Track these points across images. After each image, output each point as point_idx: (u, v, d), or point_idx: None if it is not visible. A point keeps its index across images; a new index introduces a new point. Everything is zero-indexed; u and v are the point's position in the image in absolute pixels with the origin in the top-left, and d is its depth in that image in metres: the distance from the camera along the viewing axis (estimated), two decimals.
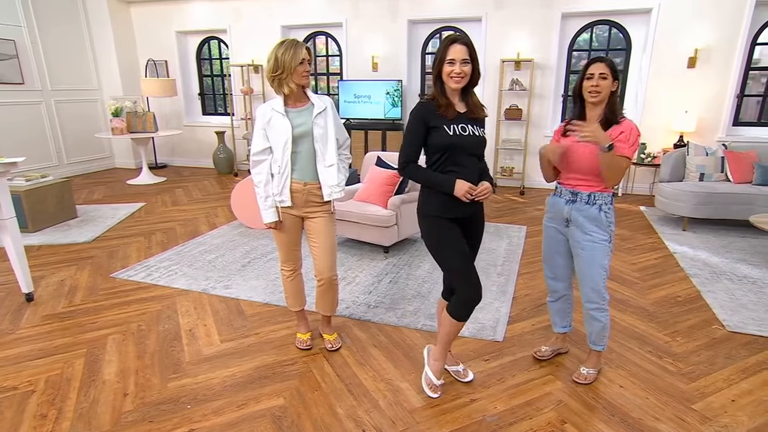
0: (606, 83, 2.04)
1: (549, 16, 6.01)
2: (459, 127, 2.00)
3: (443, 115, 2.00)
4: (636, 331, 2.78)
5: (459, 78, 1.96)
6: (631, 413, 2.11)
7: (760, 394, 2.25)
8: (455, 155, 2.02)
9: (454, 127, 1.99)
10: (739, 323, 2.87)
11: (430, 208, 2.09)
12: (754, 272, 3.63)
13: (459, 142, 1.99)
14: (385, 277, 3.57)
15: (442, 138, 1.99)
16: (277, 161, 2.33)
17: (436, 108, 2.02)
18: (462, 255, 2.04)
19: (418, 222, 2.18)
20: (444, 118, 2.01)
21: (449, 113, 2.01)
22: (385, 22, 6.70)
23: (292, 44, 2.21)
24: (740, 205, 4.42)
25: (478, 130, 2.03)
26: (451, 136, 1.99)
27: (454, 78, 1.96)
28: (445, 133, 1.99)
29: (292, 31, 7.35)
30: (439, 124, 2.00)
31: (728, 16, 5.42)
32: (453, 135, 1.99)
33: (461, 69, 1.94)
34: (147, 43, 7.95)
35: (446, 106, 2.01)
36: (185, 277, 3.58)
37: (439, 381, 2.25)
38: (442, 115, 2.01)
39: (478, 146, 2.04)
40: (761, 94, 5.81)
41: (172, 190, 6.56)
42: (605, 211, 2.11)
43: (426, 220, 2.11)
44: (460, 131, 2.00)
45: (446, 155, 2.03)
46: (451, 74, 1.96)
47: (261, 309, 3.09)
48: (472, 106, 2.05)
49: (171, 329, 2.85)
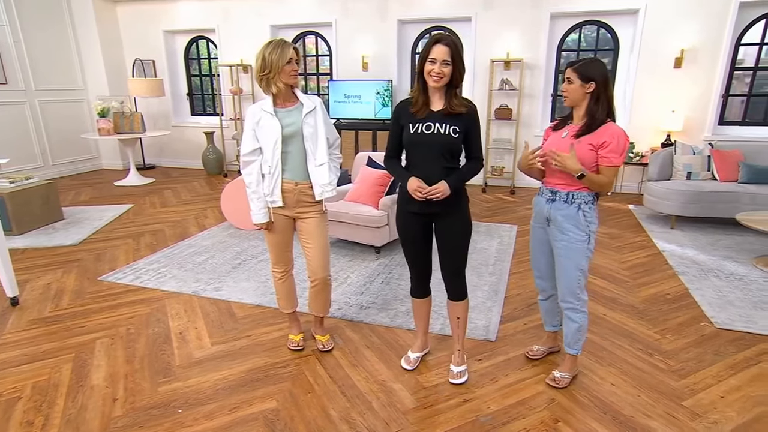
0: (572, 87, 2.05)
1: (538, 16, 6.04)
2: (424, 126, 2.06)
3: (414, 113, 2.09)
4: (626, 329, 2.81)
5: (437, 77, 1.99)
6: (622, 411, 2.13)
7: (748, 390, 2.28)
8: (415, 153, 2.11)
9: (419, 126, 2.07)
10: (727, 320, 2.91)
11: (398, 200, 2.26)
12: (740, 269, 3.68)
13: (418, 140, 2.07)
14: (377, 278, 3.56)
15: (406, 135, 2.11)
16: (268, 161, 2.32)
17: (410, 106, 2.11)
18: (410, 250, 2.28)
19: None
20: (413, 116, 2.09)
21: (420, 112, 2.07)
22: (375, 22, 6.69)
23: (279, 44, 2.20)
24: (726, 204, 4.48)
25: (448, 128, 2.03)
26: (411, 134, 2.08)
27: (432, 77, 2.00)
28: (407, 131, 2.09)
29: (282, 30, 7.31)
30: (406, 121, 2.12)
31: (713, 17, 5.49)
32: (413, 133, 2.08)
33: (440, 69, 1.97)
34: (134, 43, 7.86)
35: (420, 104, 2.07)
36: (175, 279, 3.54)
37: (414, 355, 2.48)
38: (414, 113, 2.09)
39: (441, 145, 2.04)
40: (745, 94, 5.91)
41: (161, 191, 6.49)
42: (584, 210, 2.11)
43: (396, 213, 2.29)
44: (423, 130, 2.06)
45: (409, 152, 2.14)
46: (431, 73, 1.99)
47: (252, 311, 3.07)
48: (450, 104, 2.04)
49: (161, 332, 2.81)
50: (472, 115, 2.08)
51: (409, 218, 2.21)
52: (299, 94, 2.36)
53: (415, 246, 2.26)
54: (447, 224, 2.15)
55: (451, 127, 2.03)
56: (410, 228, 2.22)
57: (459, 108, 2.03)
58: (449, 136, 2.03)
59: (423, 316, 2.47)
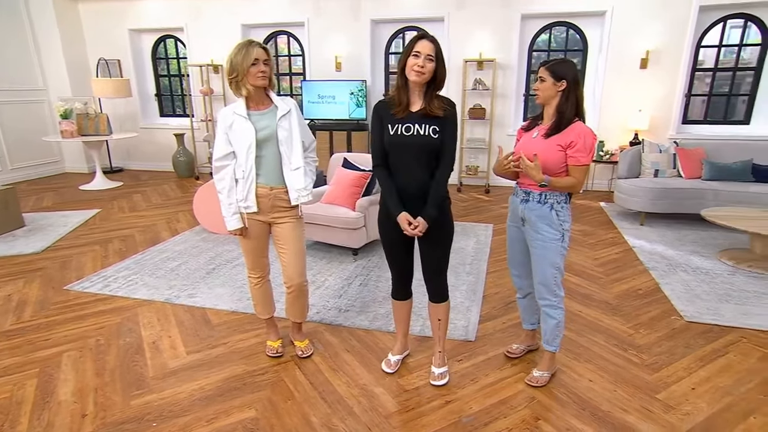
0: (544, 85, 2.08)
1: (509, 16, 6.12)
2: (404, 127, 2.04)
3: (393, 114, 2.06)
4: (601, 325, 2.87)
5: (420, 71, 1.96)
6: (600, 406, 2.17)
7: (716, 381, 2.36)
8: (396, 155, 2.09)
9: (398, 127, 2.04)
10: (695, 313, 3.01)
11: (381, 202, 2.24)
12: (706, 263, 3.81)
13: (398, 141, 2.05)
14: (355, 280, 3.53)
15: (386, 136, 2.08)
16: (241, 166, 2.27)
17: (389, 106, 2.08)
18: (392, 252, 2.28)
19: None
20: (393, 117, 2.07)
21: (399, 112, 2.05)
22: (348, 22, 6.65)
23: (244, 45, 2.15)
24: (692, 200, 4.64)
25: (427, 129, 2.02)
26: (391, 135, 2.06)
27: (415, 71, 1.97)
28: (387, 132, 2.07)
29: (253, 30, 7.19)
30: (386, 122, 2.09)
31: (675, 20, 5.68)
32: (393, 134, 2.05)
33: (424, 63, 1.96)
34: (98, 42, 7.58)
35: (400, 104, 2.05)
36: (146, 286, 3.42)
37: (395, 357, 2.46)
38: (393, 113, 2.07)
39: (421, 146, 2.03)
40: (706, 94, 6.13)
41: (130, 195, 6.29)
42: (557, 210, 2.14)
43: (379, 215, 2.27)
44: (403, 131, 2.04)
45: (390, 154, 2.10)
46: (414, 66, 1.97)
47: (228, 317, 2.99)
48: (429, 105, 2.03)
49: (133, 343, 2.72)
50: (450, 118, 2.06)
51: (392, 222, 2.15)
52: (273, 97, 2.32)
53: (397, 248, 2.25)
54: (429, 228, 2.14)
55: (431, 127, 2.02)
56: (392, 230, 2.19)
57: (437, 111, 2.02)
58: (429, 137, 2.02)
59: (404, 318, 2.46)
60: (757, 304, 3.13)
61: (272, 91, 2.31)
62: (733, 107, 6.16)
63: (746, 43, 5.84)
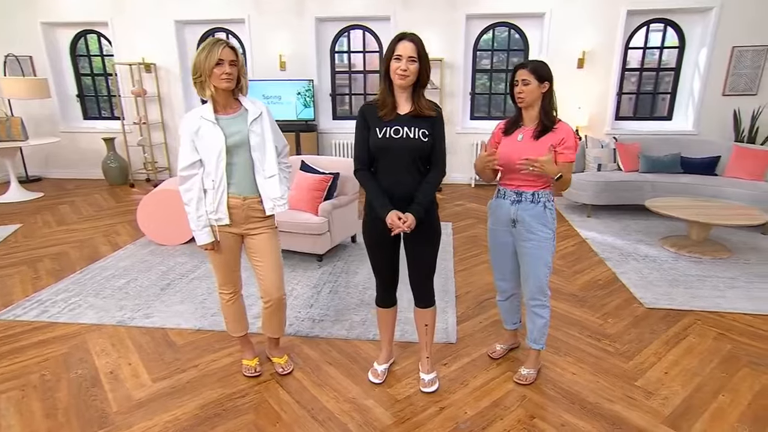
0: (529, 88, 2.09)
1: (455, 16, 6.22)
2: (392, 130, 1.98)
3: (381, 117, 2.00)
4: (573, 318, 2.97)
5: (404, 75, 1.91)
6: (588, 399, 2.23)
7: (684, 363, 2.51)
8: (384, 159, 2.03)
9: (387, 130, 1.99)
10: (653, 299, 3.20)
11: (366, 208, 2.15)
12: (652, 251, 4.08)
13: (387, 144, 1.99)
14: (324, 287, 3.41)
15: (373, 140, 2.02)
16: (210, 175, 2.09)
17: (377, 109, 2.02)
18: (378, 258, 2.20)
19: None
20: (380, 120, 2.01)
21: (387, 114, 1.99)
22: (292, 20, 6.44)
23: (209, 44, 1.98)
24: (632, 192, 4.96)
25: (416, 131, 1.98)
26: (379, 138, 2.00)
27: (399, 74, 1.92)
28: (375, 135, 2.00)
29: (188, 27, 6.77)
30: (373, 125, 2.02)
31: (607, 23, 6.05)
32: (381, 138, 1.99)
33: (407, 66, 1.91)
34: (4, 36, 6.79)
35: (386, 106, 1.99)
36: (93, 309, 3.09)
37: (381, 367, 2.39)
38: (381, 116, 2.00)
39: (411, 149, 1.99)
40: (634, 92, 6.59)
41: (55, 207, 5.69)
42: (549, 208, 2.18)
43: (363, 218, 2.19)
44: (391, 134, 1.98)
45: (377, 157, 2.05)
46: (397, 70, 1.92)
47: (193, 337, 2.77)
48: (417, 106, 1.99)
49: (86, 374, 2.43)
50: (440, 120, 2.03)
51: (378, 225, 2.08)
52: (243, 100, 2.15)
53: (384, 253, 2.18)
54: (417, 232, 2.09)
55: (421, 130, 1.97)
56: (379, 235, 2.12)
57: (428, 111, 1.98)
58: (419, 140, 1.97)
59: (389, 326, 2.40)
60: (702, 287, 3.38)
61: (242, 94, 2.15)
62: (657, 105, 6.66)
63: (666, 45, 6.34)
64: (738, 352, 2.60)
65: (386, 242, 2.14)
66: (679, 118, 6.52)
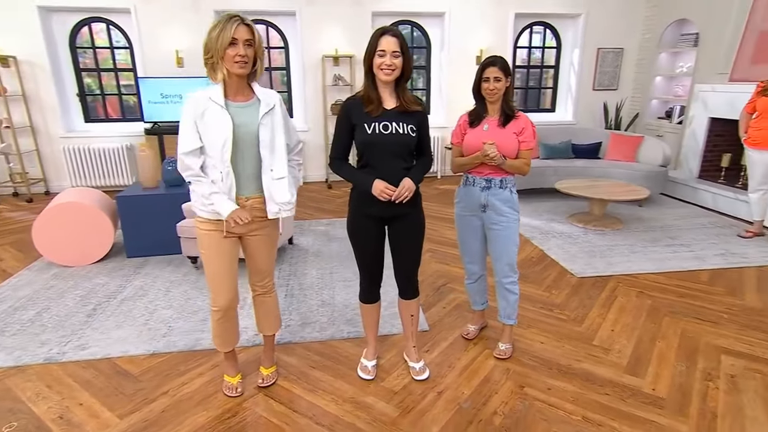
0: (501, 84, 2.26)
1: (360, 13, 6.27)
2: (381, 125, 1.99)
3: (368, 113, 1.99)
4: (525, 293, 3.22)
5: (389, 70, 1.93)
6: (560, 362, 2.46)
7: (622, 320, 2.89)
8: (374, 154, 2.02)
9: (375, 125, 1.98)
10: (580, 269, 3.62)
11: (352, 204, 2.15)
12: (565, 228, 4.59)
13: (377, 140, 1.99)
14: (278, 292, 3.25)
15: (361, 136, 2.00)
16: (217, 166, 1.87)
17: (362, 104, 2.00)
18: (365, 254, 2.18)
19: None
20: (368, 116, 1.99)
21: (374, 110, 1.98)
22: (186, 13, 5.93)
23: (222, 20, 1.78)
24: (537, 177, 5.51)
25: (404, 127, 2.01)
26: (368, 134, 1.99)
27: (384, 70, 1.93)
28: (364, 131, 1.99)
29: (56, 14, 5.87)
30: (360, 121, 2.00)
31: (499, 23, 6.60)
32: (371, 133, 1.99)
33: (392, 61, 1.93)
34: None
35: (372, 102, 1.98)
36: (4, 349, 2.58)
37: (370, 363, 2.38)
38: (368, 112, 1.99)
39: (400, 145, 2.02)
40: (523, 87, 7.30)
41: None
42: (513, 192, 2.38)
43: (349, 214, 2.18)
44: (380, 129, 1.99)
45: (366, 153, 2.04)
46: (381, 66, 1.93)
47: (150, 363, 2.46)
48: (403, 101, 2.02)
49: (26, 426, 2.03)
50: (424, 113, 2.08)
51: (365, 221, 2.11)
52: (256, 88, 1.95)
53: (371, 249, 2.17)
54: (404, 224, 2.12)
55: (409, 125, 2.00)
56: (366, 231, 2.12)
57: (414, 106, 2.01)
58: (408, 135, 2.00)
59: (374, 321, 2.39)
60: (612, 255, 3.91)
61: (256, 81, 1.95)
62: (542, 98, 7.46)
63: (546, 45, 7.12)
64: (657, 305, 3.07)
65: (374, 239, 2.14)
66: (561, 109, 7.38)
